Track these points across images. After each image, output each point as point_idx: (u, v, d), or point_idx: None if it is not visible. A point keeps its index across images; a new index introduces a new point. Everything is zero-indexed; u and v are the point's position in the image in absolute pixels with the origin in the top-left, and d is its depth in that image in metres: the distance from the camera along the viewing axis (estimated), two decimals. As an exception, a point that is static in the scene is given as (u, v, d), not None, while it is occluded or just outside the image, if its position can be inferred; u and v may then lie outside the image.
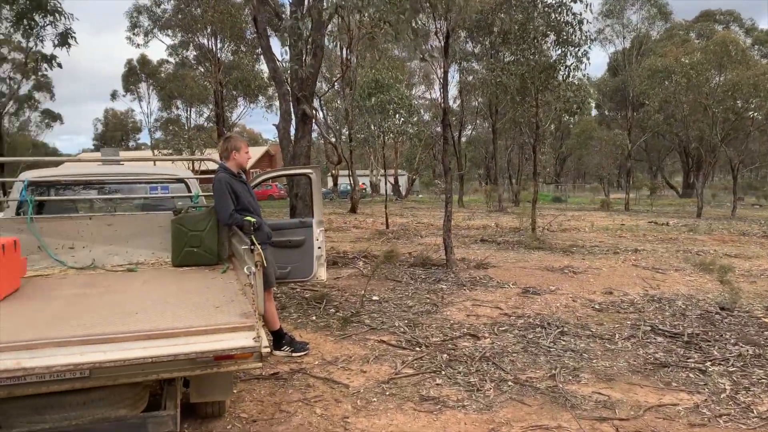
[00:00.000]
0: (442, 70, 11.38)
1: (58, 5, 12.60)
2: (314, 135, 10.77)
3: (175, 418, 2.92)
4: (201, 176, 6.51)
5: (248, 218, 4.56)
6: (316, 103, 11.30)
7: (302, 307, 7.03)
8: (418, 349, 5.39)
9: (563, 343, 5.57)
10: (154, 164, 8.71)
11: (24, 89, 35.36)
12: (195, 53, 32.36)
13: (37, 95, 39.65)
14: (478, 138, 45.86)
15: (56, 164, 6.41)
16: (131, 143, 62.69)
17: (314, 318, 6.53)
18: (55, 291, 3.87)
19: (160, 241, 4.99)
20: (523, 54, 13.25)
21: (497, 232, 16.33)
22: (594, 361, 5.09)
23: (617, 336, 5.78)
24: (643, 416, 3.97)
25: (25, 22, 11.54)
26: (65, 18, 12.33)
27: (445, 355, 5.18)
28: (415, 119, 17.32)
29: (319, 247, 6.10)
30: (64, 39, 12.59)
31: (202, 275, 4.38)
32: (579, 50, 12.49)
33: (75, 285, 4.07)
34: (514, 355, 5.23)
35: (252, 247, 3.13)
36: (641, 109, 33.66)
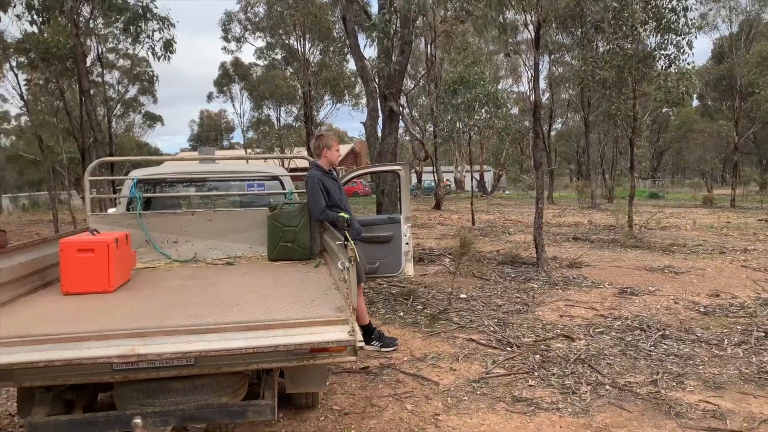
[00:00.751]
0: (532, 62, 11.05)
1: (166, 13, 13.45)
2: (399, 131, 10.80)
3: (273, 407, 3.00)
4: (291, 174, 6.68)
5: (342, 214, 4.63)
6: (402, 100, 11.32)
7: (389, 302, 7.08)
8: (509, 348, 5.27)
9: (665, 347, 5.26)
10: (247, 162, 9.06)
11: (130, 93, 37.89)
12: (283, 54, 33.37)
13: (141, 99, 42.37)
14: (568, 132, 44.26)
15: (158, 163, 6.81)
16: (224, 143, 65.65)
17: (402, 314, 6.55)
18: (161, 282, 4.11)
19: (257, 236, 5.17)
20: (618, 43, 12.61)
21: (590, 229, 15.70)
22: (700, 367, 4.76)
23: (726, 341, 5.38)
24: (758, 429, 3.66)
25: (131, 29, 12.39)
26: (169, 26, 13.12)
27: (538, 356, 5.03)
28: (503, 112, 16.92)
29: (407, 243, 6.12)
30: (168, 46, 13.38)
31: (296, 269, 4.50)
32: (684, 39, 11.70)
33: (179, 277, 4.30)
34: (611, 358, 5.00)
35: (345, 242, 3.16)
36: (750, 99, 31.18)
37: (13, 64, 22.24)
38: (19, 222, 25.14)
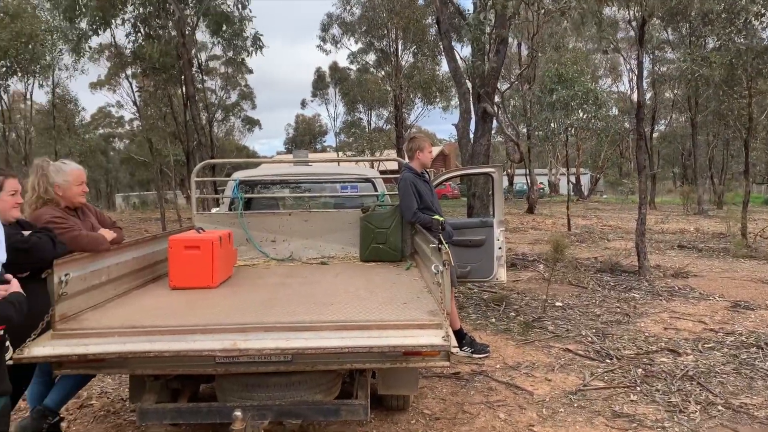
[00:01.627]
0: (635, 60, 10.49)
1: (247, 13, 14.05)
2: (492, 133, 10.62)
3: (366, 407, 3.02)
4: (381, 176, 6.74)
5: (436, 217, 4.59)
6: (496, 101, 11.12)
7: (480, 308, 6.95)
8: (608, 361, 5.01)
9: (787, 368, 4.80)
10: (338, 164, 9.22)
11: (231, 99, 39.87)
12: (374, 58, 33.78)
13: (241, 104, 44.41)
14: (672, 133, 41.64)
15: (256, 165, 7.08)
16: (317, 146, 67.42)
17: (493, 320, 6.40)
18: (260, 279, 4.25)
19: (349, 237, 5.25)
20: (730, 38, 11.68)
21: (697, 237, 14.67)
22: (830, 392, 4.30)
23: None
24: None
25: (220, 33, 13.10)
26: (249, 22, 13.71)
27: (640, 370, 4.74)
28: (603, 112, 16.14)
29: (500, 248, 5.97)
30: (255, 42, 13.91)
31: (388, 271, 4.51)
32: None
33: (277, 275, 4.44)
34: (723, 376, 4.62)
35: (440, 245, 3.12)
36: None
37: (128, 73, 24.05)
38: (130, 219, 27.11)
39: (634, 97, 8.92)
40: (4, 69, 17.85)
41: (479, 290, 7.76)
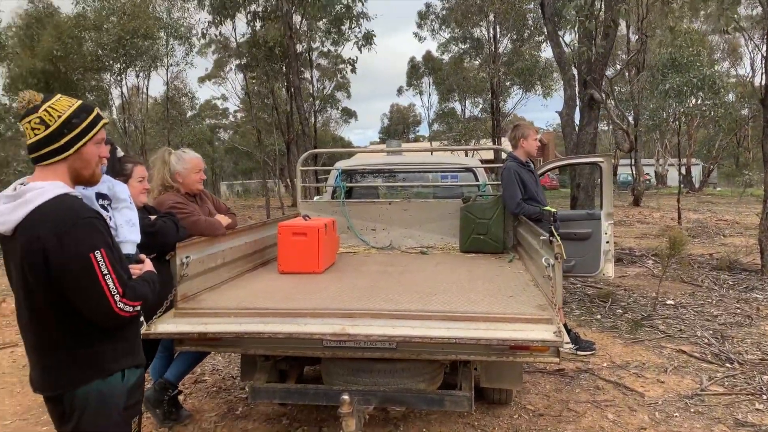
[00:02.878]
0: (760, 39, 9.59)
1: (364, 9, 14.29)
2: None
3: (470, 399, 2.97)
4: (482, 166, 6.62)
5: (548, 208, 4.44)
6: (604, 87, 10.59)
7: (584, 304, 6.67)
8: (728, 365, 4.65)
9: None
10: (431, 154, 9.13)
11: (327, 90, 40.78)
12: (470, 45, 33.22)
13: (337, 95, 45.34)
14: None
15: (350, 155, 7.16)
16: (411, 135, 67.55)
17: (599, 317, 6.13)
18: (362, 267, 4.31)
19: (449, 227, 5.20)
20: None
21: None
22: None
23: None
24: None
25: (332, 30, 13.38)
26: (367, 20, 13.92)
27: (766, 377, 4.36)
28: (721, 97, 14.89)
29: (607, 242, 5.68)
30: (368, 39, 14.12)
31: (490, 263, 4.42)
32: None
33: (377, 263, 4.48)
34: None
35: (551, 238, 3.00)
36: None
37: (233, 65, 25.23)
38: (234, 206, 28.49)
39: (756, 80, 8.13)
40: (122, 65, 19.25)
41: (583, 285, 7.46)
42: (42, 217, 1.73)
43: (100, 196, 2.27)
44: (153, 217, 3.06)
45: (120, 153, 3.01)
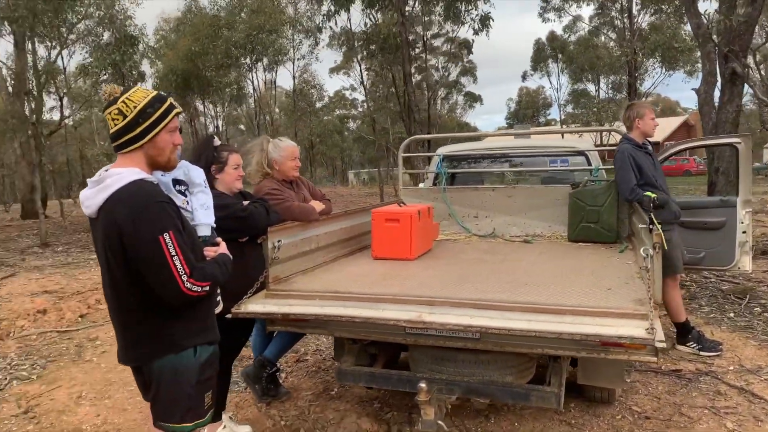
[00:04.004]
0: None
1: None
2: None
3: (558, 396, 2.82)
4: (605, 148, 6.20)
5: (648, 193, 4.07)
6: (749, 60, 9.44)
7: (716, 300, 6.04)
8: None
9: None
10: (562, 137, 8.71)
11: (452, 76, 40.51)
12: (599, 21, 31.25)
13: (462, 80, 44.85)
14: None
15: (470, 139, 7.04)
16: (541, 119, 65.06)
17: (732, 315, 5.52)
18: (459, 255, 4.23)
19: (557, 214, 4.95)
20: None
21: None
22: None
23: None
24: None
25: (451, 12, 13.20)
26: (484, 2, 13.60)
27: None
28: None
29: (744, 232, 5.09)
30: (483, 22, 13.79)
31: (598, 253, 4.14)
32: None
33: (476, 251, 4.37)
34: None
35: (651, 226, 2.74)
36: None
37: (358, 57, 25.87)
38: (358, 194, 29.32)
39: None
40: (251, 60, 20.44)
41: (717, 279, 6.75)
42: (119, 201, 1.88)
43: (177, 182, 2.42)
44: (247, 203, 3.22)
45: (217, 142, 3.18)
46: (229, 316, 2.85)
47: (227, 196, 3.14)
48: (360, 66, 27.10)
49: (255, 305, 2.99)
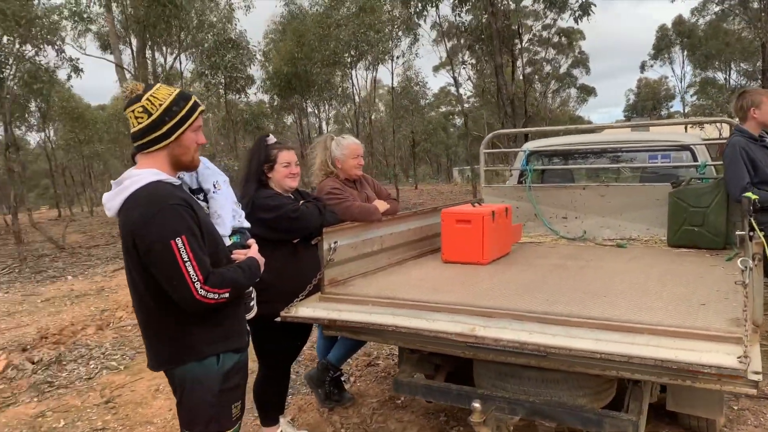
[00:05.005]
0: None
1: None
2: None
3: (636, 424, 2.46)
4: (715, 141, 5.53)
5: (748, 194, 3.50)
6: None
7: None
8: None
9: None
10: (686, 130, 7.95)
11: (563, 68, 38.74)
12: (732, 2, 28.37)
13: (574, 72, 42.77)
14: None
15: (552, 134, 6.56)
16: (663, 112, 60.66)
17: None
18: (537, 260, 3.90)
19: (657, 215, 4.45)
20: None
21: None
22: None
23: None
24: None
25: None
26: None
27: None
28: None
29: None
30: (585, 9, 12.97)
31: (700, 261, 3.65)
32: None
33: (559, 256, 4.01)
34: None
35: (751, 232, 2.31)
36: None
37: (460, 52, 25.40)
38: (458, 191, 28.90)
39: None
40: (353, 59, 20.68)
41: None
42: (134, 203, 1.83)
43: (193, 191, 2.32)
44: (302, 203, 3.13)
45: (271, 140, 3.12)
46: (278, 319, 2.77)
47: (280, 196, 3.07)
48: (452, 61, 26.55)
49: (306, 309, 2.89)
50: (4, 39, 14.12)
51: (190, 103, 1.97)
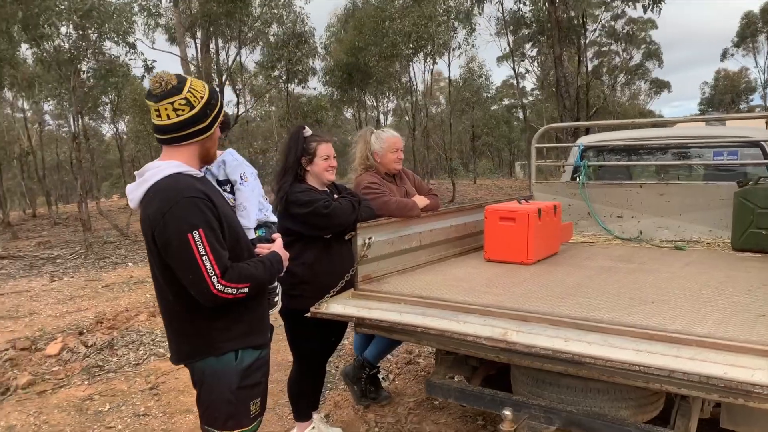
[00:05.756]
0: None
1: None
2: None
3: (685, 441, 2.29)
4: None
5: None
6: None
7: None
8: None
9: None
10: (767, 125, 7.44)
11: (634, 60, 37.21)
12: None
13: (647, 65, 40.99)
14: None
15: (608, 128, 6.26)
16: (742, 105, 57.26)
17: None
18: (586, 261, 3.71)
19: (721, 217, 4.16)
20: None
21: None
22: None
23: None
24: None
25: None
26: None
27: None
28: None
29: None
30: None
31: (765, 267, 3.39)
32: None
33: (609, 257, 3.81)
34: None
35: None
36: None
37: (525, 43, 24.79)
38: (518, 186, 28.27)
39: None
40: (411, 51, 20.48)
41: None
42: (153, 195, 1.83)
43: (220, 183, 2.31)
44: (336, 197, 3.08)
45: (308, 132, 3.08)
46: (307, 315, 2.74)
47: (313, 191, 3.03)
48: (512, 53, 25.92)
49: (336, 305, 2.84)
50: (92, 35, 14.78)
51: (219, 96, 1.97)
